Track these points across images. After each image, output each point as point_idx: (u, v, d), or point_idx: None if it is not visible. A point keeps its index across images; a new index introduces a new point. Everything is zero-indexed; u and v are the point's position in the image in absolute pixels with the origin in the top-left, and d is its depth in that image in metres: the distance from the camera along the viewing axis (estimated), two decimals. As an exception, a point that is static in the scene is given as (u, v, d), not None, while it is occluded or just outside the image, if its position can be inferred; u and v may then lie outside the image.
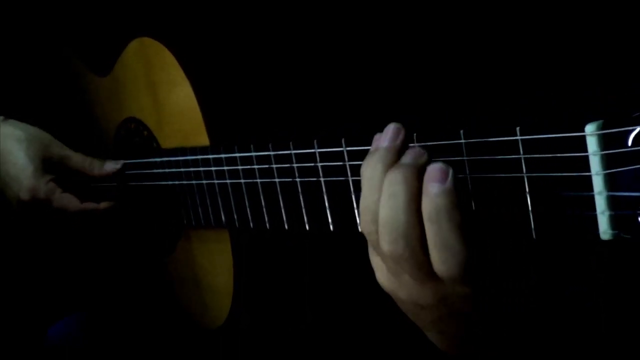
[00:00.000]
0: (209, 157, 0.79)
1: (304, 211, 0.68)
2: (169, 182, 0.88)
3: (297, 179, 0.67)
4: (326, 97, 0.78)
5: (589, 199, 0.45)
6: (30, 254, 1.13)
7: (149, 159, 0.91)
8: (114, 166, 0.97)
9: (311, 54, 0.80)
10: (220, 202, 0.80)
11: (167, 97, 0.88)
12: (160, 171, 0.89)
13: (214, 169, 0.79)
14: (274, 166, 0.70)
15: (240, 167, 0.75)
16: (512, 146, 0.49)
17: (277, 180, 0.70)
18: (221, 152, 0.77)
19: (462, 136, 0.52)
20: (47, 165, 0.96)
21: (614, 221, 0.44)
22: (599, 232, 0.45)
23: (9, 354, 1.09)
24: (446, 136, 0.53)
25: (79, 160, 0.97)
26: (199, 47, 0.85)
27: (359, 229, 0.61)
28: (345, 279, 0.83)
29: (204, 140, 0.83)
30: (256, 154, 0.72)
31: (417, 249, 0.49)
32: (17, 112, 1.00)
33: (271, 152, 0.70)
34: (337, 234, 0.65)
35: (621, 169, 0.43)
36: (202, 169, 0.81)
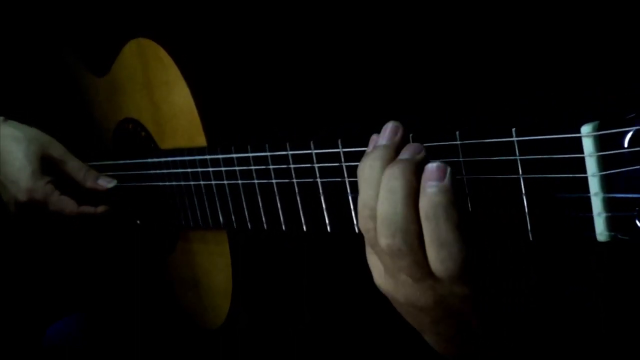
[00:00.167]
0: (206, 158, 0.79)
1: (301, 212, 0.68)
2: (167, 183, 0.88)
3: (294, 180, 0.67)
4: (323, 97, 0.78)
5: (586, 200, 0.45)
6: (29, 254, 1.13)
7: (147, 160, 0.91)
8: (107, 184, 0.96)
9: (308, 55, 0.80)
10: (218, 203, 0.80)
11: (165, 97, 0.87)
12: (158, 172, 0.89)
13: (211, 169, 0.79)
14: (271, 167, 0.70)
15: (237, 168, 0.75)
16: (508, 147, 0.48)
17: (274, 181, 0.70)
18: (218, 153, 0.77)
19: (458, 137, 0.51)
20: (45, 166, 0.95)
21: (611, 223, 0.44)
22: (595, 234, 0.45)
23: (8, 354, 1.09)
24: (442, 137, 0.53)
25: (74, 167, 0.97)
26: (196, 48, 0.85)
27: (356, 229, 0.61)
28: (342, 280, 0.83)
29: (202, 140, 0.82)
30: (253, 155, 0.72)
31: (415, 245, 0.48)
32: (17, 113, 1.00)
33: (268, 152, 0.70)
34: (334, 234, 0.65)
35: (617, 171, 0.43)
36: (199, 169, 0.81)
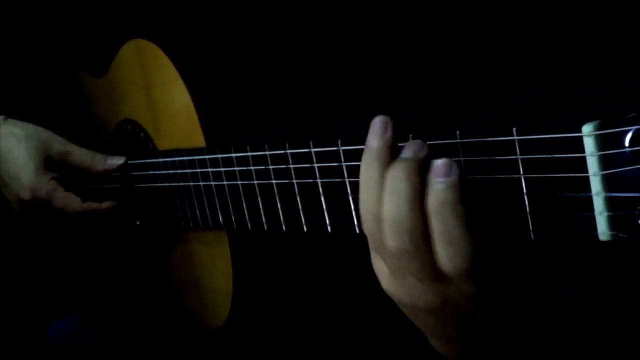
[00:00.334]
0: (205, 158, 0.79)
1: (302, 212, 0.67)
2: (167, 184, 0.88)
3: (294, 180, 0.67)
4: (323, 97, 0.78)
5: (587, 199, 0.45)
6: (30, 254, 1.12)
7: (146, 161, 0.91)
8: (117, 162, 0.94)
9: (307, 54, 0.80)
10: (217, 204, 0.80)
11: (163, 98, 0.87)
12: (157, 173, 0.89)
13: (210, 170, 0.79)
14: (271, 167, 0.70)
15: (236, 168, 0.74)
16: (509, 147, 0.48)
17: (274, 181, 0.70)
18: (217, 153, 0.77)
19: (458, 136, 0.51)
20: (48, 163, 0.94)
21: (612, 222, 0.44)
22: (597, 233, 0.45)
23: (9, 354, 1.09)
24: (442, 136, 0.52)
25: (81, 154, 0.95)
26: (194, 48, 0.85)
27: (357, 230, 0.61)
28: (343, 279, 0.83)
29: (201, 141, 0.82)
30: (252, 154, 0.72)
31: (422, 245, 0.48)
32: (17, 113, 0.99)
33: (267, 152, 0.70)
34: (335, 234, 0.65)
35: (619, 170, 0.43)
36: (199, 170, 0.81)
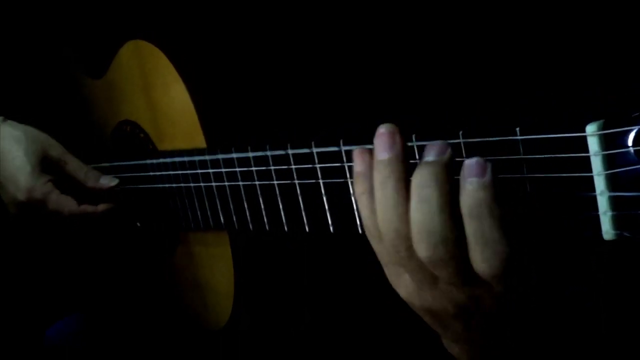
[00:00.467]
0: (206, 159, 0.79)
1: (304, 213, 0.67)
2: (167, 185, 0.88)
3: (296, 181, 0.67)
4: (324, 97, 0.78)
5: (591, 199, 0.45)
6: (29, 254, 1.12)
7: (145, 161, 0.90)
8: (109, 183, 0.95)
9: (308, 54, 0.80)
10: (218, 204, 0.79)
11: (162, 99, 0.87)
12: (157, 174, 0.89)
13: (211, 171, 0.79)
14: (272, 168, 0.69)
15: (237, 169, 0.74)
16: (513, 147, 0.48)
17: (275, 182, 0.70)
18: (218, 154, 0.77)
19: (461, 137, 0.51)
20: (45, 166, 0.95)
21: (617, 221, 0.44)
22: (601, 233, 0.45)
23: (8, 354, 1.09)
24: (445, 136, 0.52)
25: (75, 167, 0.97)
26: (193, 49, 0.84)
27: (360, 231, 0.61)
28: (345, 280, 0.83)
29: (201, 141, 0.82)
30: (253, 155, 0.72)
31: (456, 251, 0.47)
32: (16, 113, 0.99)
33: (268, 152, 0.69)
34: (337, 235, 0.65)
35: (623, 169, 0.43)
36: (199, 171, 0.81)
